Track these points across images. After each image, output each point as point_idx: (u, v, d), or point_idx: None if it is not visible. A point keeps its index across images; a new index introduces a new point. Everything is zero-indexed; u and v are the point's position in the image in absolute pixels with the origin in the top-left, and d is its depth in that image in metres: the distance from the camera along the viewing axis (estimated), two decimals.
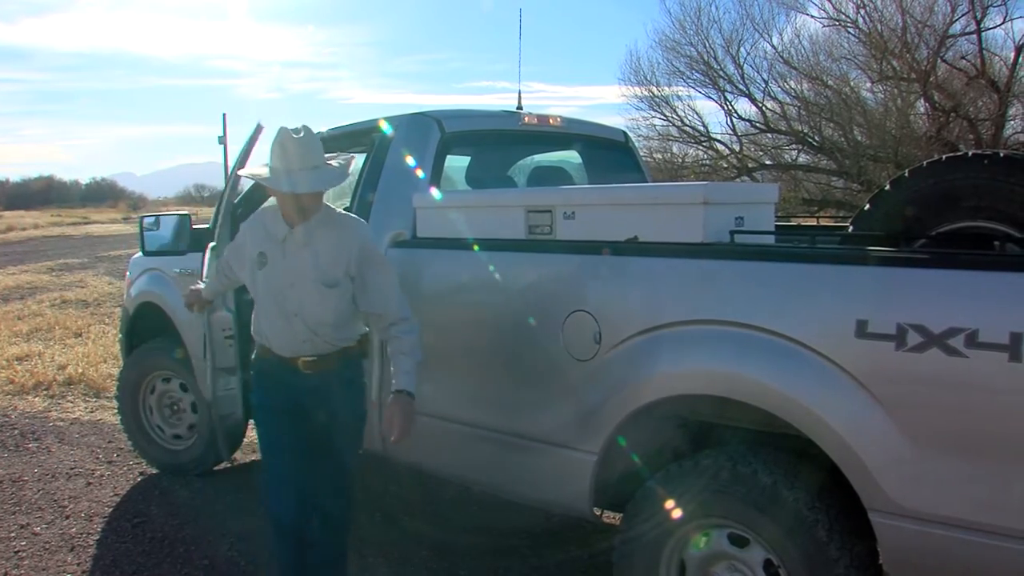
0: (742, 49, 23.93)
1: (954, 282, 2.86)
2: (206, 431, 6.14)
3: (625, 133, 6.18)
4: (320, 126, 5.55)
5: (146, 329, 6.55)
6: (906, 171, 3.40)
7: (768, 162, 23.90)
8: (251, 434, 7.05)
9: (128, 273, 6.86)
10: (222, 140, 26.60)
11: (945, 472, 2.84)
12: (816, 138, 23.00)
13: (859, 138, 21.99)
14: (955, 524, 2.85)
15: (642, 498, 3.54)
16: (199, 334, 5.43)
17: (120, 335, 6.99)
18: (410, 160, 4.78)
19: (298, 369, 3.85)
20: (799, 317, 3.10)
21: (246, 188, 5.72)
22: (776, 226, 3.98)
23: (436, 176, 4.81)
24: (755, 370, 3.17)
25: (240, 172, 4.23)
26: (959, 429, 2.82)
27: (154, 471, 6.59)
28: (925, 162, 3.39)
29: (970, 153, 3.30)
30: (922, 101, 22.37)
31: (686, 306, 3.38)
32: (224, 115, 27.63)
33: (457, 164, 5.50)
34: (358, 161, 4.94)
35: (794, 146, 23.70)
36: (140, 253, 6.23)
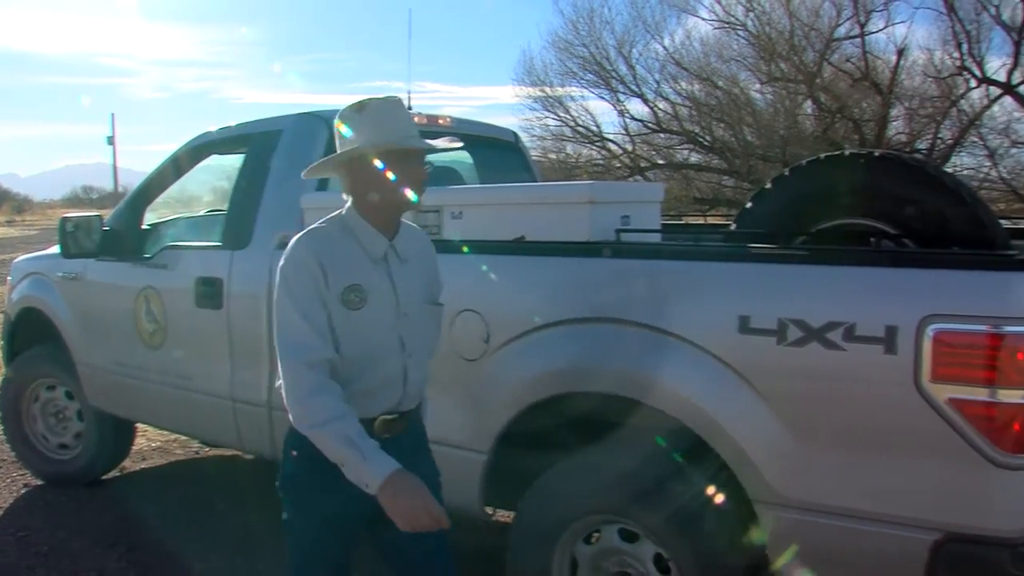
0: (634, 50, 24.32)
1: (832, 277, 2.95)
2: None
3: (515, 133, 6.20)
4: (210, 126, 5.49)
5: (29, 335, 6.33)
6: (787, 170, 3.48)
7: (660, 161, 24.24)
8: (139, 441, 6.93)
9: (9, 278, 6.65)
10: (111, 140, 26.01)
11: (826, 462, 2.93)
12: (707, 138, 23.43)
13: (749, 138, 22.45)
14: (837, 513, 2.93)
15: (533, 496, 3.55)
16: (83, 338, 5.30)
17: (2, 342, 6.78)
18: (298, 161, 4.72)
19: (374, 435, 2.77)
20: (684, 314, 3.14)
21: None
22: (662, 224, 4.04)
23: (324, 176, 4.76)
24: (641, 366, 3.21)
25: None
26: (838, 420, 2.91)
27: (39, 482, 6.37)
28: (805, 161, 3.47)
29: (848, 152, 3.39)
30: (809, 102, 22.94)
31: (573, 304, 3.41)
32: (112, 115, 27.08)
33: None
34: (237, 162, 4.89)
35: (686, 146, 24.11)
36: (55, 255, 6.00)
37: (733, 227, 3.59)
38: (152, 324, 5.16)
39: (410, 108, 5.72)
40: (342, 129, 2.82)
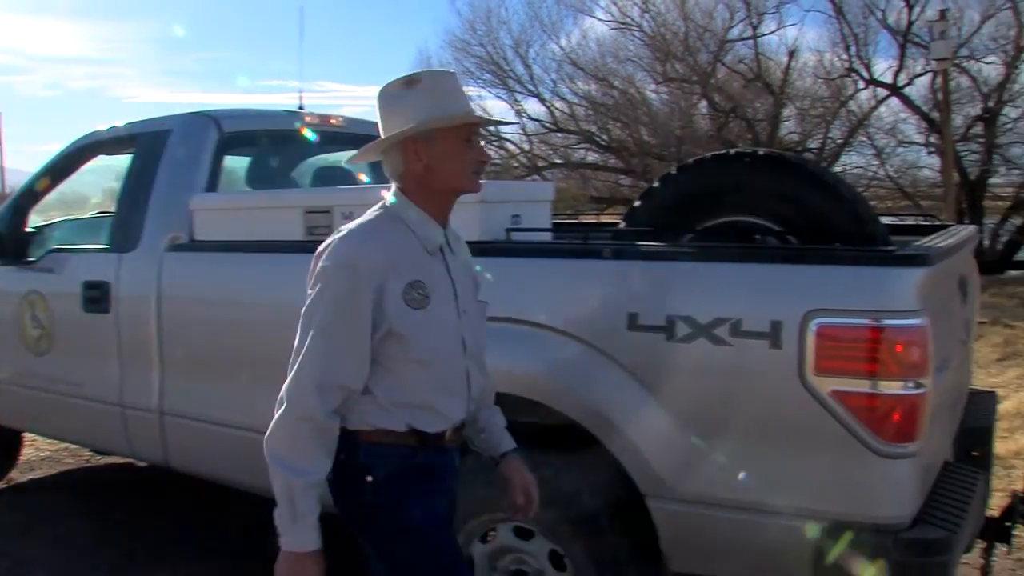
0: (531, 50, 24.43)
1: (718, 274, 3.00)
2: None
3: None
4: (101, 125, 5.37)
5: None
6: (674, 168, 3.53)
7: (558, 161, 24.37)
8: (27, 450, 6.74)
9: None
10: None
11: (715, 456, 2.97)
12: (604, 137, 23.65)
13: (645, 137, 22.71)
14: (726, 505, 2.99)
15: None
16: None
17: None
18: (187, 161, 4.65)
19: (446, 447, 2.63)
20: (573, 312, 3.17)
21: None
22: (553, 223, 4.06)
23: (214, 177, 4.69)
24: (532, 365, 3.22)
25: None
26: (727, 414, 2.96)
27: None
28: (692, 160, 3.52)
29: (733, 151, 3.45)
30: (704, 102, 23.28)
31: None
32: None
33: (238, 165, 5.40)
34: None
35: (583, 145, 24.26)
36: None
37: (622, 225, 3.62)
38: (37, 330, 5.02)
39: (301, 107, 5.68)
40: (389, 108, 2.49)
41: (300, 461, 2.37)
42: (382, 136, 2.49)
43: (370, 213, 2.55)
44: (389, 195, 2.55)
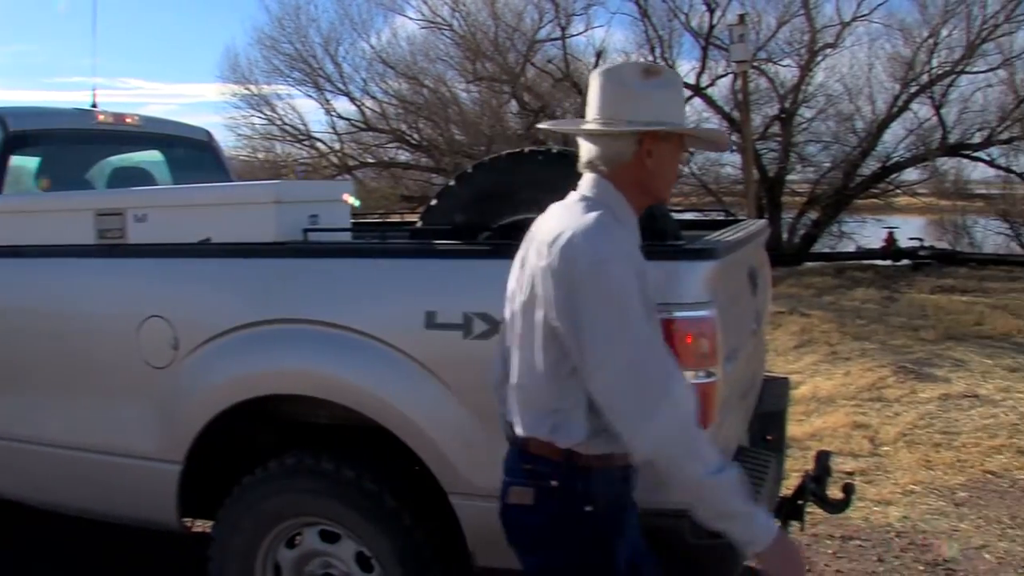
0: (341, 48, 24.10)
1: None
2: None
3: (208, 132, 6.04)
4: None
5: None
6: (470, 166, 3.55)
7: (370, 160, 24.20)
8: None
9: None
10: None
11: None
12: (415, 136, 23.60)
13: (456, 136, 22.78)
14: None
15: (231, 504, 3.46)
16: None
17: None
18: None
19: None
20: (372, 311, 3.15)
21: None
22: (352, 223, 4.03)
23: None
24: (331, 366, 3.20)
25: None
26: None
27: None
28: (488, 158, 3.55)
29: (527, 149, 3.49)
30: (513, 101, 23.52)
31: (261, 306, 3.35)
32: None
33: (28, 165, 5.16)
34: None
35: (394, 144, 24.17)
36: None
37: (420, 224, 3.62)
38: None
39: (94, 106, 5.47)
40: (623, 92, 2.31)
41: (714, 455, 2.20)
42: (597, 114, 2.34)
43: (587, 208, 2.31)
44: (598, 185, 2.38)
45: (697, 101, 22.90)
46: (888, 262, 20.48)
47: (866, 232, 23.00)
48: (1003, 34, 20.91)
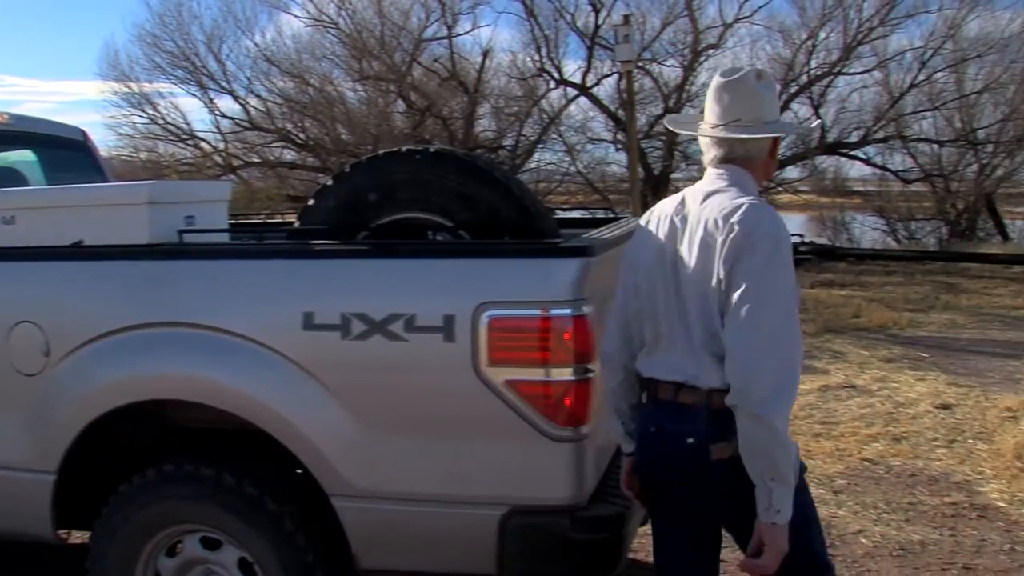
0: (224, 46, 23.69)
1: (391, 271, 3.03)
2: None
3: (83, 132, 5.90)
4: None
5: None
6: (347, 166, 3.52)
7: (255, 160, 23.84)
8: None
9: None
10: None
11: (396, 450, 3.01)
12: (301, 136, 23.34)
13: (342, 136, 22.59)
14: (410, 499, 3.02)
15: (108, 514, 3.38)
16: None
17: None
18: None
19: None
20: (249, 313, 3.11)
21: None
22: (231, 224, 3.98)
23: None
24: (208, 370, 3.14)
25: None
26: (405, 409, 3.00)
27: None
28: (365, 157, 3.52)
29: (405, 148, 3.47)
30: (400, 101, 23.44)
31: (135, 310, 3.27)
32: None
33: None
34: None
35: (279, 144, 23.84)
36: None
37: (297, 225, 3.59)
38: None
39: None
40: (772, 97, 2.80)
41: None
42: (764, 118, 2.75)
43: (741, 188, 2.69)
44: (740, 175, 2.73)
45: (583, 100, 23.19)
46: None
47: None
48: (878, 37, 21.78)
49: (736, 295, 2.50)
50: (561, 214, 6.28)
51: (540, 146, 23.88)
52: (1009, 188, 23.87)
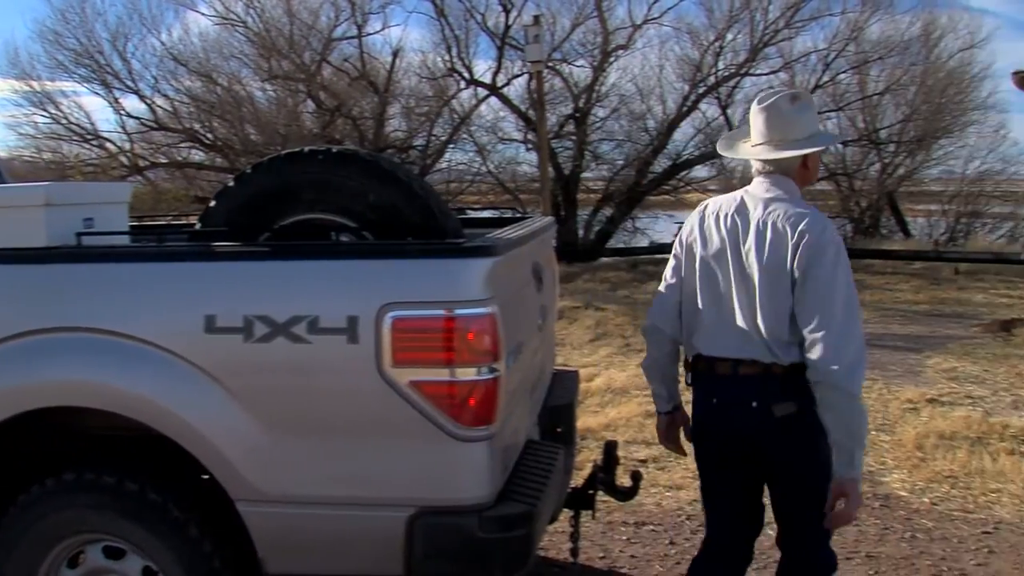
0: (130, 44, 23.15)
1: (294, 273, 3.00)
2: None
3: None
4: None
5: None
6: (249, 167, 3.48)
7: (162, 160, 23.38)
8: None
9: None
10: None
11: (301, 454, 2.98)
12: (209, 136, 22.95)
13: (251, 136, 22.28)
14: (317, 502, 3.01)
15: (6, 525, 3.29)
16: None
17: None
18: None
19: None
20: (149, 317, 3.05)
21: None
22: (132, 226, 3.91)
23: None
24: (108, 375, 3.07)
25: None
26: (310, 412, 2.97)
27: None
28: (267, 158, 3.48)
29: (307, 149, 3.44)
30: (310, 100, 23.23)
31: (32, 316, 3.17)
32: None
33: None
34: None
35: (187, 144, 23.41)
36: None
37: (198, 226, 3.53)
38: None
39: None
40: (814, 114, 3.40)
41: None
42: (809, 135, 3.33)
43: (794, 196, 3.29)
44: (787, 183, 3.30)
45: (494, 100, 23.24)
46: None
47: (659, 227, 23.90)
48: (784, 39, 22.29)
49: (814, 292, 3.09)
50: (472, 214, 6.30)
51: (451, 146, 23.87)
52: (910, 186, 24.61)
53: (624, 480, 4.32)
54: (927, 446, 6.72)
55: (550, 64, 21.51)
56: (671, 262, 3.52)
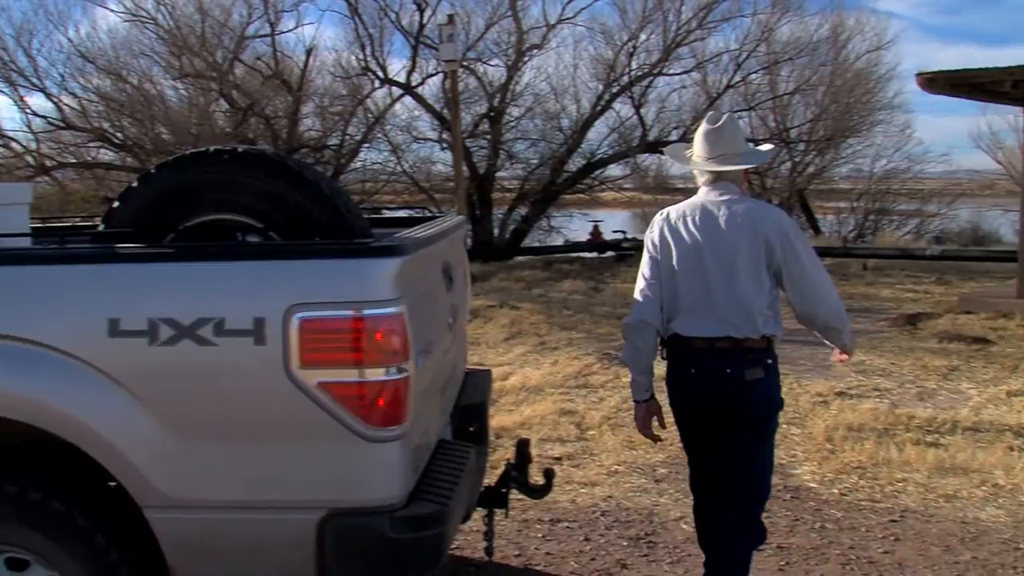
0: (35, 41, 22.60)
1: (199, 274, 2.97)
2: None
3: None
4: None
5: None
6: (153, 167, 3.42)
7: (71, 160, 22.86)
8: None
9: None
10: None
11: (209, 458, 2.95)
12: (119, 136, 22.50)
13: (163, 135, 21.90)
14: (226, 506, 2.97)
15: None
16: None
17: None
18: None
19: None
20: (51, 321, 2.97)
21: None
22: (33, 228, 3.83)
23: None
24: (8, 382, 2.99)
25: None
26: (217, 415, 2.94)
27: None
28: (172, 158, 3.42)
29: (212, 149, 3.39)
30: (222, 99, 22.91)
31: None
32: None
33: None
34: None
35: (96, 143, 22.92)
36: None
37: (101, 227, 3.47)
38: None
39: None
40: (740, 133, 3.99)
41: None
42: (747, 149, 4.03)
43: (743, 195, 3.91)
44: (732, 186, 3.86)
45: (408, 99, 23.20)
46: (594, 254, 21.42)
47: (573, 226, 24.12)
48: (696, 39, 22.68)
49: (799, 268, 3.71)
50: (388, 214, 6.27)
51: (365, 145, 23.78)
52: (820, 184, 25.18)
53: (537, 478, 4.34)
54: (836, 438, 6.87)
55: (464, 63, 21.54)
56: (648, 264, 3.89)
